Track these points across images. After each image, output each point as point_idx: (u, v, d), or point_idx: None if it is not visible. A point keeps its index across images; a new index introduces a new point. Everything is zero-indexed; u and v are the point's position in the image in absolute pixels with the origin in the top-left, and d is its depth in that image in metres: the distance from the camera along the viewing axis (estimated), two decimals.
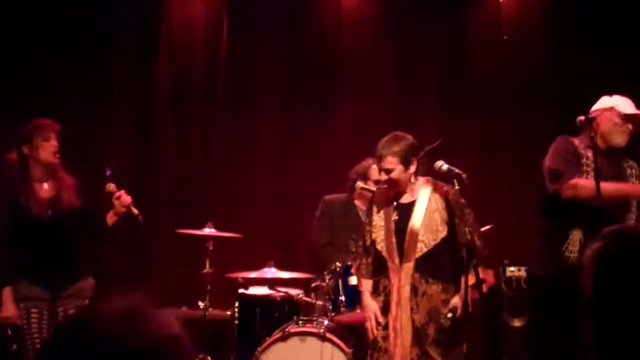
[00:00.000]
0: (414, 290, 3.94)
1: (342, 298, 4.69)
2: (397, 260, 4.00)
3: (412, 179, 4.04)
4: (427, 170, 4.14)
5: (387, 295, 4.04)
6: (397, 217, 4.05)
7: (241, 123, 6.73)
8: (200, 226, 5.24)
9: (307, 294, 4.92)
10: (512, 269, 5.40)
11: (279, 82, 6.81)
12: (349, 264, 4.67)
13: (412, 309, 3.94)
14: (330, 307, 4.72)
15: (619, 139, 4.11)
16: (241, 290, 5.08)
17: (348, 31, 6.77)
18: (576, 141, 4.16)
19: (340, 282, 4.70)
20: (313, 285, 4.90)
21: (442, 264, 3.95)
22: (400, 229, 4.01)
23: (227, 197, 6.59)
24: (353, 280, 4.62)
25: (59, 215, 4.34)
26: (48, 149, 4.33)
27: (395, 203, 4.09)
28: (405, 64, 6.72)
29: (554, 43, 6.54)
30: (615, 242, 1.61)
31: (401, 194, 4.08)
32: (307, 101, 6.75)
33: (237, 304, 5.09)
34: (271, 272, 5.03)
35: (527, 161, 5.47)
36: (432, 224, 3.96)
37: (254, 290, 5.10)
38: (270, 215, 6.48)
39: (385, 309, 4.04)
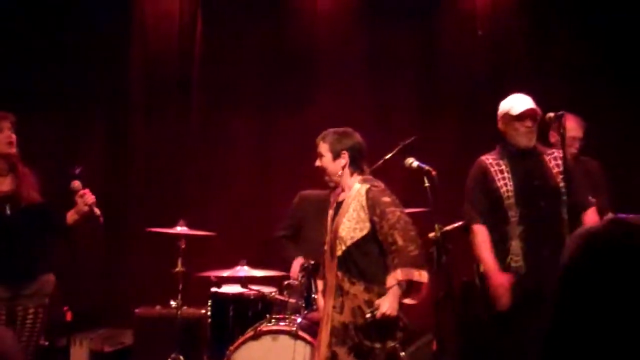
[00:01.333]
0: (339, 289, 3.90)
1: (315, 296, 4.65)
2: (329, 258, 4.00)
3: (345, 175, 4.00)
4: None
5: None
6: (332, 215, 4.05)
7: (216, 119, 6.69)
8: (173, 224, 5.19)
9: (280, 292, 4.88)
10: None
11: (254, 78, 6.76)
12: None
13: (334, 307, 3.90)
14: (303, 305, 4.69)
15: (523, 140, 4.14)
16: (214, 289, 5.04)
17: (324, 28, 6.73)
18: (488, 158, 4.23)
19: (312, 279, 4.66)
20: (286, 283, 4.87)
21: (364, 263, 3.87)
22: (332, 229, 4.01)
23: (201, 194, 6.55)
24: None
25: (18, 212, 4.27)
26: (2, 140, 4.27)
27: (336, 202, 4.09)
28: (381, 62, 6.69)
29: (529, 37, 6.54)
30: (621, 233, 1.53)
31: (329, 182, 4.10)
32: (282, 98, 6.71)
33: (209, 303, 5.04)
34: (244, 271, 4.99)
35: None
36: (352, 222, 3.91)
37: (227, 289, 5.07)
38: (243, 214, 6.43)
39: None
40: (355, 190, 3.96)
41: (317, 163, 4.08)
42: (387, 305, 3.75)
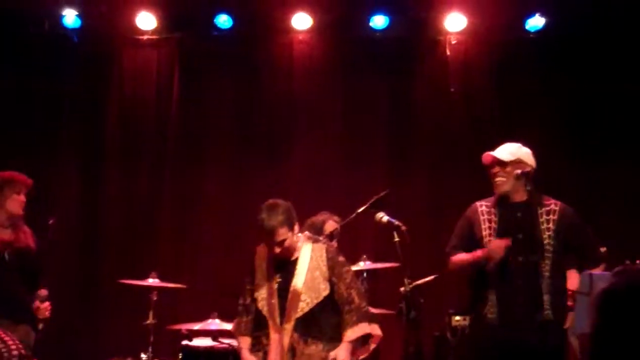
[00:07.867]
0: (292, 350, 3.88)
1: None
2: (278, 320, 3.93)
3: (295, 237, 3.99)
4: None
5: (266, 353, 3.95)
6: (280, 277, 3.98)
7: (190, 171, 6.72)
8: (144, 277, 5.18)
9: None
10: (457, 318, 5.38)
11: (229, 130, 6.82)
12: None
13: None
14: None
15: (495, 188, 4.06)
16: (185, 342, 5.00)
17: (299, 81, 6.82)
18: (482, 204, 4.13)
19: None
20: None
21: (324, 322, 3.90)
22: (283, 289, 3.95)
23: (172, 247, 6.56)
24: None
25: (14, 256, 4.46)
26: (17, 202, 4.53)
27: (276, 262, 4.01)
28: (355, 114, 6.79)
29: (500, 94, 6.67)
30: (624, 279, 1.65)
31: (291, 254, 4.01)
32: (257, 150, 6.77)
33: (180, 356, 4.99)
34: (215, 324, 4.98)
35: None
36: (314, 282, 3.91)
37: (198, 342, 5.02)
38: (214, 266, 6.43)
39: None
40: (308, 249, 3.97)
41: (277, 250, 3.92)
42: (343, 354, 3.81)
